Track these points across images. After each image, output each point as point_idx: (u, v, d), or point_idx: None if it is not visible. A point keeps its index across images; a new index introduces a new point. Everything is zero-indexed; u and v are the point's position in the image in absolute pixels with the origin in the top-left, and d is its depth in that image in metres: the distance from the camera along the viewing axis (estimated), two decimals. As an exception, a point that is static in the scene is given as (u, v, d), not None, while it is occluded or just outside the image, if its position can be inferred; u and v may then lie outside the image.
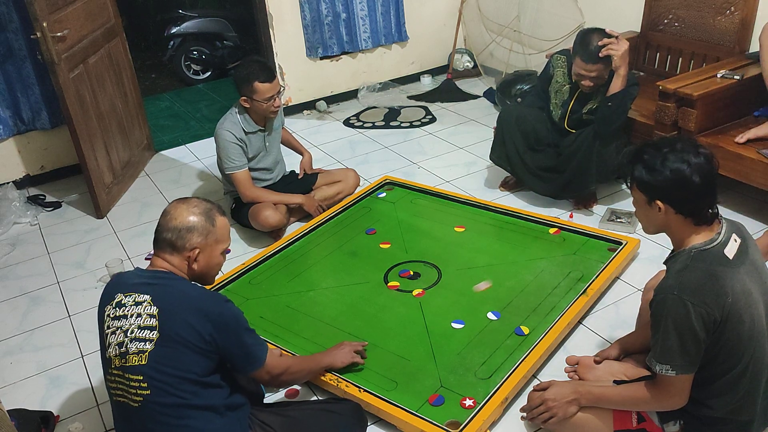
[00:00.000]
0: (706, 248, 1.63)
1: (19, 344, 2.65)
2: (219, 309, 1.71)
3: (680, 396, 1.66)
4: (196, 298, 1.71)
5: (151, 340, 1.64)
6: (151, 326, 1.65)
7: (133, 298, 1.70)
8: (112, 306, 1.72)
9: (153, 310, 1.66)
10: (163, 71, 6.33)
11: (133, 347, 1.65)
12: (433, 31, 5.05)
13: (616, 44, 2.78)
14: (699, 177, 1.59)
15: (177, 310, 1.67)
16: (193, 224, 1.76)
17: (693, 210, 1.63)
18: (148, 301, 1.68)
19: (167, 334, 1.64)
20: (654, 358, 1.64)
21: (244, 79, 2.95)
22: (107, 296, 1.77)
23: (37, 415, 2.17)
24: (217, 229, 1.80)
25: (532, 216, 3.04)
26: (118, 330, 1.68)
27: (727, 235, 1.66)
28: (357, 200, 3.33)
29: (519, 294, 2.54)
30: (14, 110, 3.78)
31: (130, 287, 1.73)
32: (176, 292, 1.71)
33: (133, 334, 1.66)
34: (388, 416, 2.05)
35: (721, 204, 3.04)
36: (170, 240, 1.76)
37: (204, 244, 1.78)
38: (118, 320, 1.69)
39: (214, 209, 1.83)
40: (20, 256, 3.27)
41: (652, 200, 1.66)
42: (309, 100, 4.77)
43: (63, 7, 3.28)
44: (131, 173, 3.95)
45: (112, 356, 1.69)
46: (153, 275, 1.75)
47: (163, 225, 1.77)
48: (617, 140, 3.00)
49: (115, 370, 1.68)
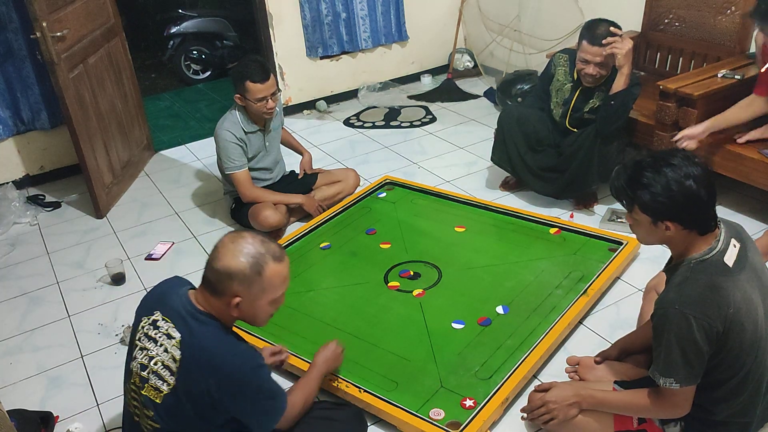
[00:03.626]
0: (705, 258, 1.62)
1: (19, 344, 2.65)
2: (243, 378, 1.58)
3: (683, 406, 1.65)
4: (222, 359, 1.57)
5: (169, 384, 1.59)
6: (171, 370, 1.59)
7: (167, 328, 1.62)
8: (149, 321, 1.66)
9: (177, 354, 1.59)
10: (163, 71, 6.33)
11: (152, 379, 1.61)
12: (434, 31, 5.04)
13: (621, 42, 2.78)
14: (704, 189, 1.57)
15: (198, 367, 1.57)
16: (234, 271, 1.57)
17: (700, 222, 1.61)
18: (177, 342, 1.59)
19: (183, 387, 1.58)
20: (657, 371, 1.63)
21: (239, 76, 2.96)
22: (148, 305, 1.71)
23: (36, 416, 2.16)
24: (264, 279, 1.60)
25: (532, 216, 3.03)
26: (145, 351, 1.64)
27: (726, 241, 1.64)
28: (357, 200, 3.33)
29: (519, 294, 2.54)
30: (14, 110, 3.78)
31: (170, 312, 1.64)
32: (205, 346, 1.58)
33: (156, 366, 1.61)
34: (389, 417, 2.04)
35: (720, 204, 3.05)
36: (211, 281, 1.61)
37: (246, 293, 1.60)
38: (148, 340, 1.64)
39: (266, 256, 1.60)
40: (20, 256, 3.27)
41: (658, 221, 1.63)
42: (309, 100, 4.76)
43: (63, 6, 3.27)
44: (131, 173, 3.95)
45: (134, 371, 1.66)
46: (192, 312, 1.63)
47: (209, 261, 1.62)
48: (618, 140, 3.00)
49: (133, 385, 1.67)
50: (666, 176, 1.57)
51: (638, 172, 1.62)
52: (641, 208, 1.63)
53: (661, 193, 1.57)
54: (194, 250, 3.16)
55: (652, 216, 1.63)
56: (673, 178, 1.56)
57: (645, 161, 1.63)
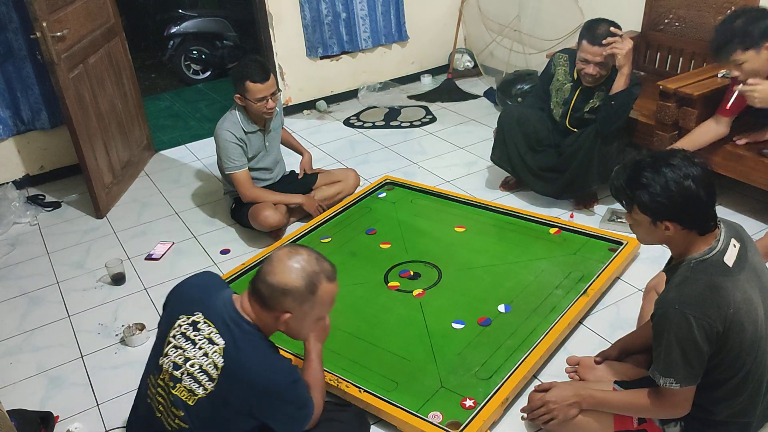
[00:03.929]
0: (705, 258, 1.62)
1: (19, 344, 2.65)
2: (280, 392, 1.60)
3: (683, 406, 1.65)
4: (262, 372, 1.58)
5: (205, 388, 1.59)
6: (211, 377, 1.59)
7: (209, 332, 1.61)
8: (188, 321, 1.65)
9: (220, 361, 1.58)
10: (163, 71, 6.33)
11: (186, 381, 1.60)
12: (434, 31, 5.04)
13: (621, 42, 2.79)
14: (703, 189, 1.57)
15: (239, 379, 1.57)
16: (290, 288, 1.59)
17: (700, 222, 1.61)
18: (220, 350, 1.59)
19: (221, 395, 1.58)
20: (657, 371, 1.63)
21: (239, 76, 2.96)
22: (186, 303, 1.69)
23: (36, 416, 2.16)
24: (317, 297, 1.62)
25: (532, 216, 3.03)
26: (180, 350, 1.63)
27: (726, 241, 1.64)
28: (357, 200, 3.33)
29: (519, 294, 2.54)
30: (14, 110, 3.78)
31: (214, 316, 1.63)
32: (247, 358, 1.59)
33: (192, 367, 1.60)
34: (389, 417, 2.04)
35: (720, 204, 3.05)
36: (264, 294, 1.61)
37: (297, 310, 1.62)
38: (185, 340, 1.63)
39: (321, 275, 1.62)
40: (20, 256, 3.27)
41: (657, 221, 1.62)
42: (309, 100, 4.76)
43: (63, 6, 3.27)
44: (131, 173, 3.95)
45: (164, 368, 1.64)
46: (237, 321, 1.63)
47: (263, 274, 1.62)
48: (618, 140, 3.01)
49: (162, 381, 1.65)
50: (665, 176, 1.57)
51: (637, 172, 1.62)
52: (641, 209, 1.63)
53: (660, 194, 1.57)
54: (194, 250, 3.16)
55: (651, 216, 1.62)
56: (672, 179, 1.56)
57: (644, 161, 1.63)
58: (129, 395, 2.30)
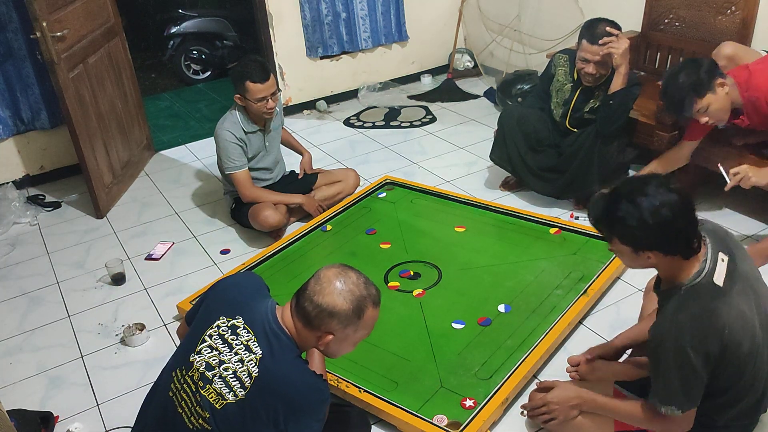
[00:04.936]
0: (694, 283, 1.59)
1: (19, 344, 2.65)
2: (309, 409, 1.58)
3: (686, 425, 1.65)
4: (296, 388, 1.57)
5: (236, 395, 1.57)
6: (243, 384, 1.57)
7: (248, 339, 1.60)
8: (228, 323, 1.63)
9: (255, 371, 1.57)
10: (163, 71, 6.33)
11: (217, 383, 1.59)
12: (434, 31, 5.04)
13: (617, 42, 2.79)
14: (681, 217, 1.54)
15: (272, 389, 1.56)
16: (338, 312, 1.57)
17: (681, 248, 1.58)
18: (257, 358, 1.57)
19: (251, 404, 1.56)
20: (657, 400, 1.61)
21: (239, 76, 2.96)
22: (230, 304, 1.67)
23: (36, 416, 2.16)
24: (362, 321, 1.61)
25: (532, 216, 3.03)
26: (216, 352, 1.61)
27: (713, 259, 1.61)
28: (357, 200, 3.33)
29: (519, 294, 2.54)
30: (14, 110, 3.78)
31: (254, 323, 1.61)
32: (282, 371, 1.58)
33: (226, 371, 1.59)
34: (389, 417, 2.04)
35: (720, 204, 3.06)
36: (309, 313, 1.58)
37: (341, 332, 1.60)
38: (223, 342, 1.61)
39: (368, 299, 1.61)
40: (20, 257, 3.27)
41: (638, 251, 1.61)
42: (309, 100, 4.76)
43: (63, 6, 3.27)
44: (131, 173, 3.95)
45: (195, 366, 1.62)
46: (276, 332, 1.61)
47: (310, 293, 1.59)
48: (618, 140, 3.00)
49: (190, 379, 1.63)
50: (641, 207, 1.53)
51: (614, 204, 1.59)
52: (620, 240, 1.61)
53: (637, 226, 1.55)
54: (194, 250, 3.16)
55: (632, 247, 1.61)
56: (648, 209, 1.53)
57: (621, 191, 1.60)
58: (129, 395, 2.31)
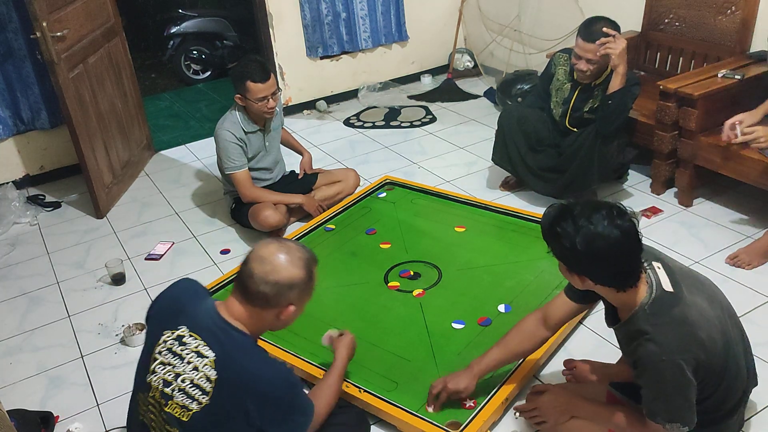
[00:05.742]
0: (654, 297, 1.56)
1: (19, 344, 2.65)
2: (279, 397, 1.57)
3: None
4: (260, 379, 1.56)
5: (200, 403, 1.55)
6: (204, 390, 1.55)
7: (196, 345, 1.57)
8: (173, 335, 1.61)
9: (212, 374, 1.54)
10: (163, 71, 6.33)
11: (178, 397, 1.57)
12: (434, 31, 5.04)
13: (614, 42, 2.79)
14: (616, 253, 1.50)
15: (235, 387, 1.54)
16: (297, 281, 1.60)
17: (611, 281, 1.56)
18: (211, 362, 1.55)
19: (218, 407, 1.54)
20: (661, 418, 1.58)
21: (239, 77, 2.96)
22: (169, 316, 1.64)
23: (36, 416, 2.16)
24: (312, 281, 1.65)
25: (532, 216, 3.03)
26: (169, 367, 1.59)
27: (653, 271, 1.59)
28: (357, 200, 3.33)
29: (519, 294, 2.53)
30: (14, 110, 3.78)
31: (199, 328, 1.59)
32: (242, 366, 1.56)
33: (184, 383, 1.56)
34: (389, 417, 2.04)
35: (718, 204, 3.06)
36: (267, 294, 1.57)
37: (299, 300, 1.63)
38: (173, 355, 1.59)
39: (311, 259, 1.65)
40: (20, 256, 3.27)
41: (571, 271, 1.60)
42: (309, 100, 4.76)
43: (63, 6, 3.27)
44: (131, 173, 3.95)
45: (153, 386, 1.61)
46: (224, 329, 1.59)
47: (261, 275, 1.57)
48: (618, 140, 3.01)
49: (152, 399, 1.61)
50: (579, 232, 1.50)
51: (558, 219, 1.55)
52: (554, 254, 1.60)
53: (568, 248, 1.52)
54: (194, 250, 3.16)
55: (566, 265, 1.60)
56: (583, 235, 1.49)
57: (572, 208, 1.55)
58: (129, 395, 2.30)
